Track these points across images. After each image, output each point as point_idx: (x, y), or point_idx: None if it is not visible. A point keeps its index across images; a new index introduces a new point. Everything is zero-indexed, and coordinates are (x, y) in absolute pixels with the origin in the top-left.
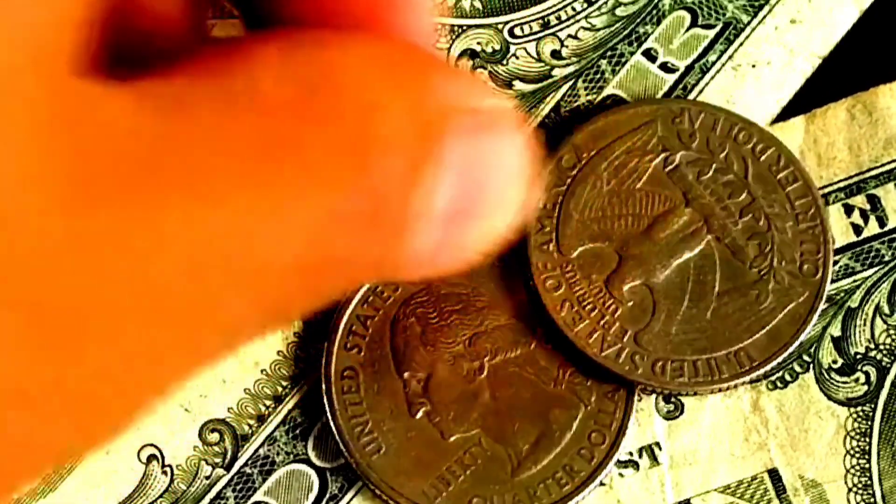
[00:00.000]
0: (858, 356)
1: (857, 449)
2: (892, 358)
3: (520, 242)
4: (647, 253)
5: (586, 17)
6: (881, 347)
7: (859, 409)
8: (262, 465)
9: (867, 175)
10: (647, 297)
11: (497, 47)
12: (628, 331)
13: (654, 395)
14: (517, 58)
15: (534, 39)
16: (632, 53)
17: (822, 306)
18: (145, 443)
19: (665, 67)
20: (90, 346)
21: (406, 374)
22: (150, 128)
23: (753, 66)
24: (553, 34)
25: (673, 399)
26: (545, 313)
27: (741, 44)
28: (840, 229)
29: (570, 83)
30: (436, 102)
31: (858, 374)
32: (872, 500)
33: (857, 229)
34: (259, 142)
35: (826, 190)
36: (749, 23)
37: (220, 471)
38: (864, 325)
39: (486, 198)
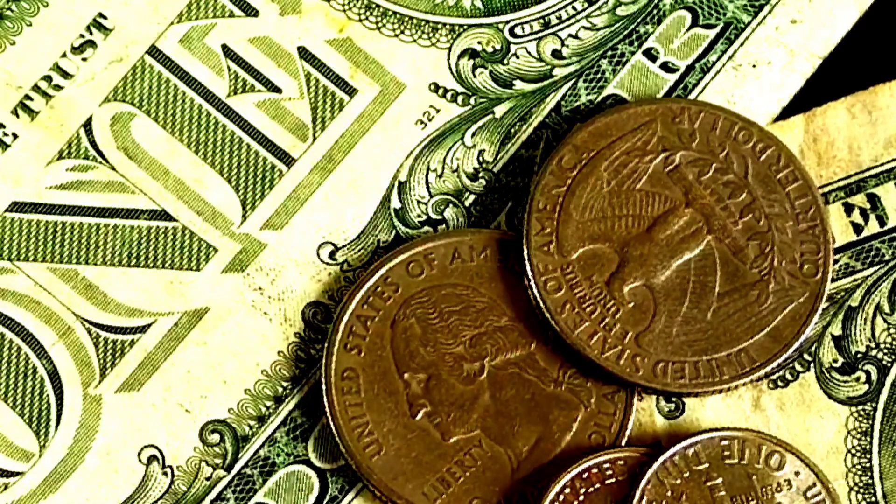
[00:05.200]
0: (859, 355)
1: (858, 448)
2: (893, 357)
3: (520, 244)
4: (648, 254)
5: (587, 16)
6: (882, 346)
7: (860, 408)
8: (263, 467)
9: (867, 174)
10: (648, 298)
11: (498, 47)
12: (629, 332)
13: (654, 395)
14: (518, 57)
15: (534, 39)
16: (632, 53)
17: (822, 306)
18: (146, 444)
19: (666, 67)
20: None
21: (406, 375)
22: None
23: (754, 66)
24: (554, 34)
25: (674, 398)
26: (546, 315)
27: (742, 44)
28: (840, 228)
29: (571, 83)
30: None
31: (859, 373)
32: (873, 499)
33: (858, 228)
34: None
35: (826, 189)
36: (749, 23)
37: (220, 472)
38: (865, 324)
39: None
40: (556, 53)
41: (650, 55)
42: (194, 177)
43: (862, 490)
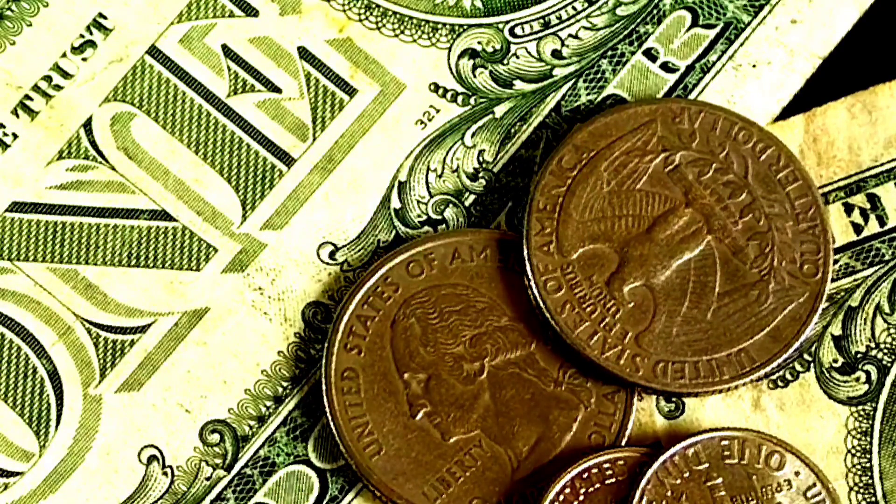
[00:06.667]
0: (859, 355)
1: (858, 448)
2: (893, 357)
3: (520, 244)
4: (648, 254)
5: (587, 16)
6: (882, 346)
7: (860, 408)
8: (263, 467)
9: (867, 174)
10: (648, 298)
11: (498, 47)
12: (629, 332)
13: (654, 395)
14: (518, 57)
15: (534, 39)
16: (632, 53)
17: (822, 306)
18: (146, 444)
19: (666, 67)
20: None
21: (406, 375)
22: None
23: (754, 66)
24: (554, 34)
25: (674, 398)
26: (546, 315)
27: (742, 44)
28: (840, 228)
29: (571, 83)
30: None
31: (859, 373)
32: (873, 499)
33: (858, 228)
34: None
35: (826, 189)
36: (749, 23)
37: (220, 472)
38: (865, 324)
39: None
40: (556, 53)
41: (650, 55)
42: (194, 177)
43: (862, 490)
